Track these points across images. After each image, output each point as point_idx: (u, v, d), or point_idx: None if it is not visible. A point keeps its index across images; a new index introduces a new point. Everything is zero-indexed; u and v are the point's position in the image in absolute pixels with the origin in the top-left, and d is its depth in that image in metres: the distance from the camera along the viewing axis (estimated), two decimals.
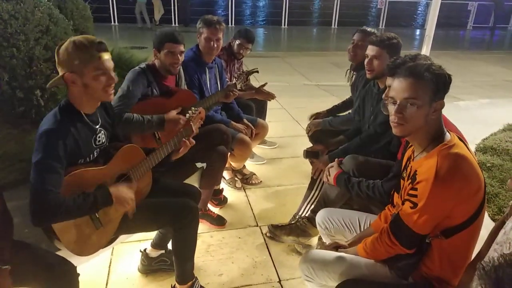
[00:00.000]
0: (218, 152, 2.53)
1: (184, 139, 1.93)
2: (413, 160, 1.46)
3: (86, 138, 1.63)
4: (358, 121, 2.59)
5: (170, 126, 2.25)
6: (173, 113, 2.29)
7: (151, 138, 2.34)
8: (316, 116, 3.16)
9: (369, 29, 2.76)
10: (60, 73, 1.55)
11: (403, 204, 1.42)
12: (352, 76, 2.95)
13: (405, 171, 1.52)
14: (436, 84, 1.33)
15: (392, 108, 1.39)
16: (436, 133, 1.39)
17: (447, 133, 1.41)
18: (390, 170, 1.96)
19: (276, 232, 2.48)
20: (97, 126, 1.70)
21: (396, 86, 1.38)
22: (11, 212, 1.53)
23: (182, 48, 2.36)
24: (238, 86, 2.84)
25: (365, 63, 2.26)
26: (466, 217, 1.35)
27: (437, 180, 1.27)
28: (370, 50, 2.23)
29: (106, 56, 1.57)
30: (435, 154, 1.33)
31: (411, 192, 1.36)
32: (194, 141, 1.98)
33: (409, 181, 1.39)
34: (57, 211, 1.42)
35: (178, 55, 2.34)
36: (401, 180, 1.54)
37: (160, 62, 2.36)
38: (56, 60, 1.56)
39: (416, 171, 1.38)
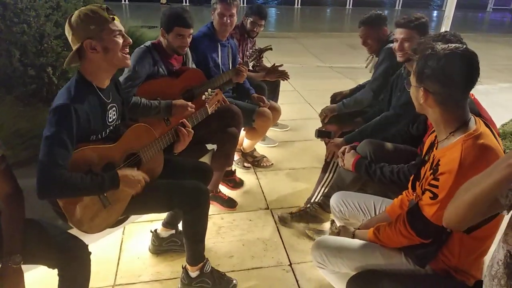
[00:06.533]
0: (229, 133, 2.49)
1: (183, 128, 1.89)
2: (436, 148, 1.39)
3: (98, 113, 1.62)
4: (381, 100, 2.50)
5: (178, 112, 2.21)
6: (180, 100, 2.25)
7: (160, 120, 2.31)
8: (337, 96, 3.08)
9: (367, 15, 2.70)
10: (77, 44, 1.52)
11: (423, 194, 1.36)
12: (373, 58, 2.86)
13: (427, 156, 1.46)
14: (419, 69, 1.29)
15: None
16: (455, 120, 1.30)
17: (473, 120, 1.32)
18: (413, 155, 1.89)
19: (286, 220, 2.45)
20: (109, 101, 1.68)
21: None
22: (24, 190, 1.51)
23: (191, 31, 2.31)
24: (250, 65, 2.77)
25: (396, 47, 2.18)
26: None
27: (461, 173, 1.20)
28: (399, 33, 2.16)
29: (117, 18, 1.59)
30: (458, 144, 1.26)
31: (433, 182, 1.29)
32: (193, 132, 1.93)
33: (431, 171, 1.33)
34: (63, 186, 1.41)
35: (187, 38, 2.30)
36: (422, 167, 1.47)
37: (168, 43, 2.31)
38: (70, 32, 1.53)
39: (439, 160, 1.31)
